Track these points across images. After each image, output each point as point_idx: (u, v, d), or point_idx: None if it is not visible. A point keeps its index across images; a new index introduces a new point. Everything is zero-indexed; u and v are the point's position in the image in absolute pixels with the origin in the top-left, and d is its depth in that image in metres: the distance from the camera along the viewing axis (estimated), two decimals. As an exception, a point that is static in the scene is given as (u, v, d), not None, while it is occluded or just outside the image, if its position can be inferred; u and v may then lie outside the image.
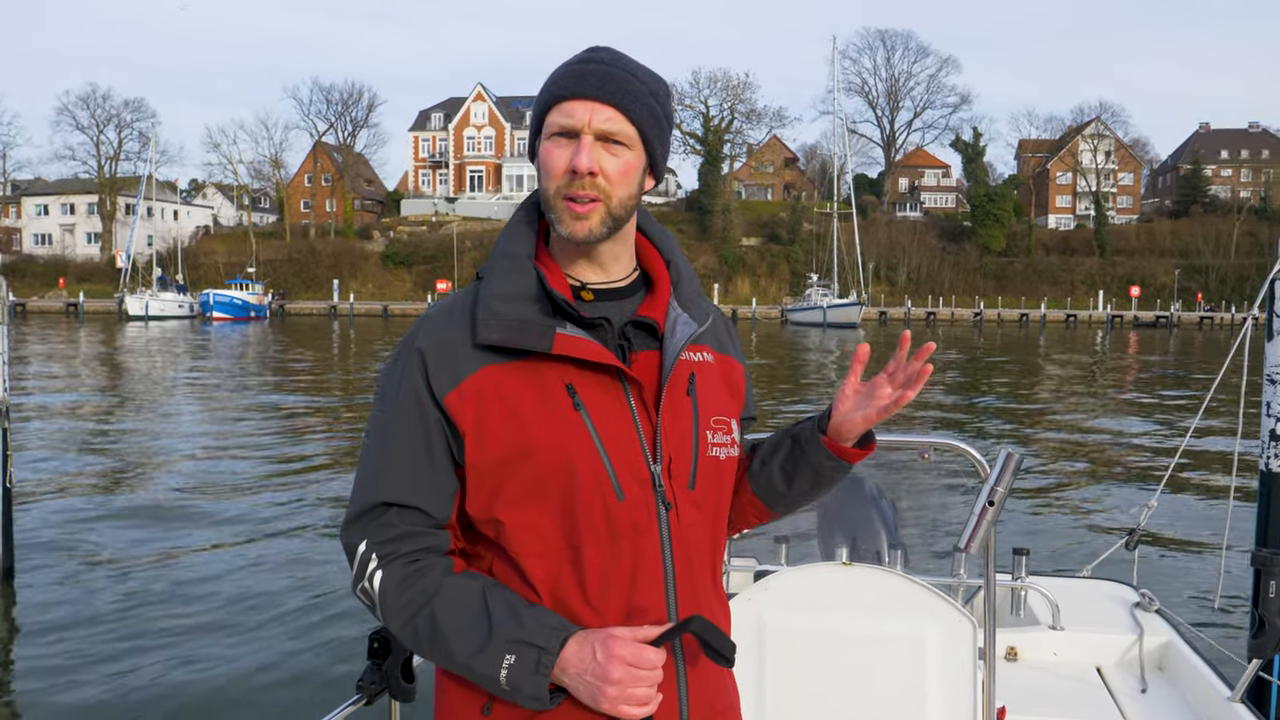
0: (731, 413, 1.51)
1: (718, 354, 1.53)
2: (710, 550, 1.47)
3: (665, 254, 1.53)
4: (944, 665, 2.31)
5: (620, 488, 1.35)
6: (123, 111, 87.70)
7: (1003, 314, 78.80)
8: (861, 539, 3.51)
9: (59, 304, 73.42)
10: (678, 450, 1.41)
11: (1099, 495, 11.41)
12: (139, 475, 12.34)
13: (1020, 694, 3.11)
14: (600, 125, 1.35)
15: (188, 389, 23.44)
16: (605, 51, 1.40)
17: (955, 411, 20.04)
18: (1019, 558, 3.67)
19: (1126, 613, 3.63)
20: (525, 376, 1.35)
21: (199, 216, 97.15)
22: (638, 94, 1.37)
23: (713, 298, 6.30)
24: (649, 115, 1.38)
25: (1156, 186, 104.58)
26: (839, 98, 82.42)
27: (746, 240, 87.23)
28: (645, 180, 1.43)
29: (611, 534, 1.35)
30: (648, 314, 1.45)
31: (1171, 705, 3.13)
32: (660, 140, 1.42)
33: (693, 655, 1.41)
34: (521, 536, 1.36)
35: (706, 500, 1.44)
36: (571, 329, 1.36)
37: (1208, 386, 4.53)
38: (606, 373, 1.38)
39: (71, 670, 6.04)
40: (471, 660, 1.31)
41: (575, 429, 1.34)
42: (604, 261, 1.44)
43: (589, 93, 1.35)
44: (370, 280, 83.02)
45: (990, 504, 2.21)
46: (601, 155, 1.35)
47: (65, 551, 8.59)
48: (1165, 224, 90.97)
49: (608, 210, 1.37)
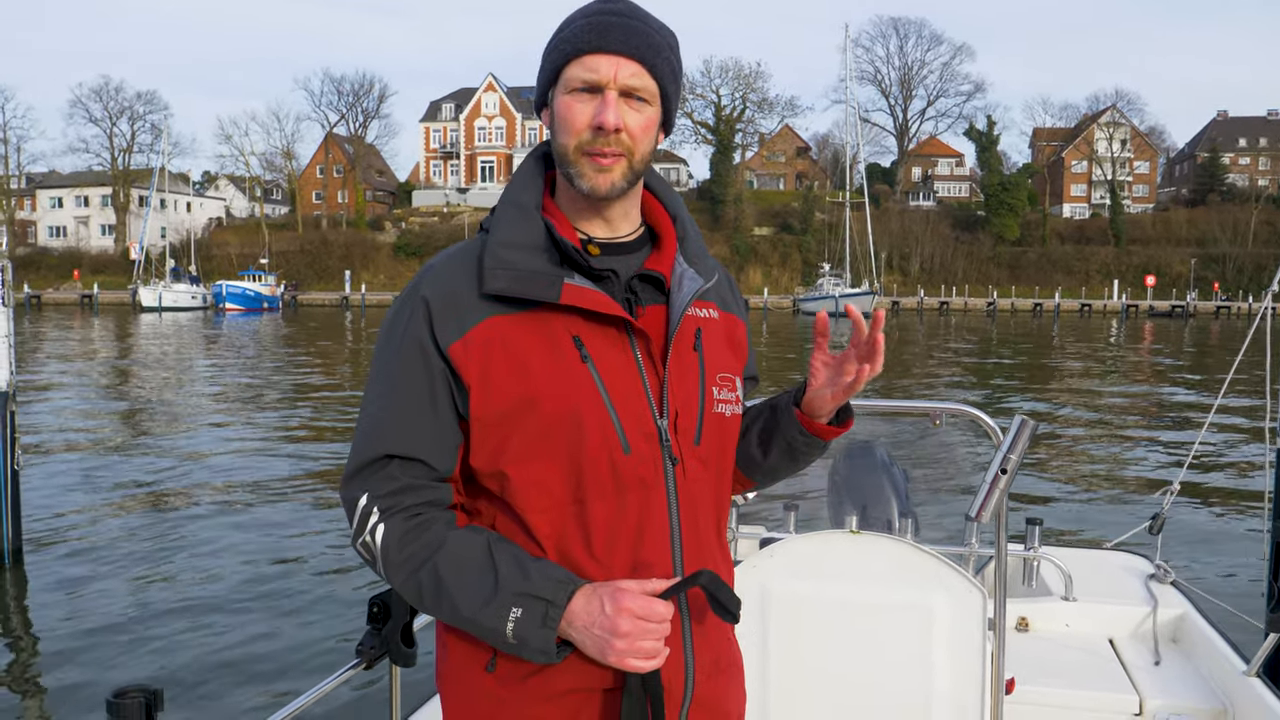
0: (735, 370, 1.50)
1: (722, 311, 1.52)
2: (715, 507, 1.46)
3: (671, 210, 1.51)
4: (952, 635, 2.27)
5: (627, 442, 1.34)
6: (135, 104, 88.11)
7: (1016, 304, 78.37)
8: (872, 507, 3.44)
9: (74, 296, 73.80)
10: (684, 405, 1.39)
11: (1123, 478, 11.31)
12: (146, 457, 12.37)
13: (1031, 665, 3.05)
14: (625, 81, 1.32)
15: (198, 378, 23.51)
16: (622, 2, 1.36)
17: (970, 392, 19.92)
18: (1032, 528, 3.60)
19: (1141, 584, 3.56)
20: (532, 327, 1.33)
21: (211, 208, 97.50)
22: (659, 48, 1.35)
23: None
24: (669, 70, 1.37)
25: (1173, 175, 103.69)
26: (851, 86, 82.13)
27: (758, 230, 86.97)
28: (659, 133, 1.41)
29: (618, 488, 1.34)
30: (655, 268, 1.43)
31: (1185, 678, 3.06)
32: (676, 95, 1.41)
33: (699, 610, 1.40)
34: (527, 491, 1.34)
35: (711, 456, 1.43)
36: (579, 279, 1.34)
37: (1224, 368, 4.45)
38: (614, 325, 1.36)
39: (77, 644, 6.10)
40: (478, 614, 1.29)
41: (582, 381, 1.32)
42: (612, 217, 1.43)
43: (613, 47, 1.32)
44: (382, 271, 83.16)
45: (1003, 472, 2.15)
46: (625, 111, 1.33)
47: (72, 530, 8.64)
48: (1182, 213, 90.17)
49: (630, 165, 1.35)
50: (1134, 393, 20.54)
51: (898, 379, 24.61)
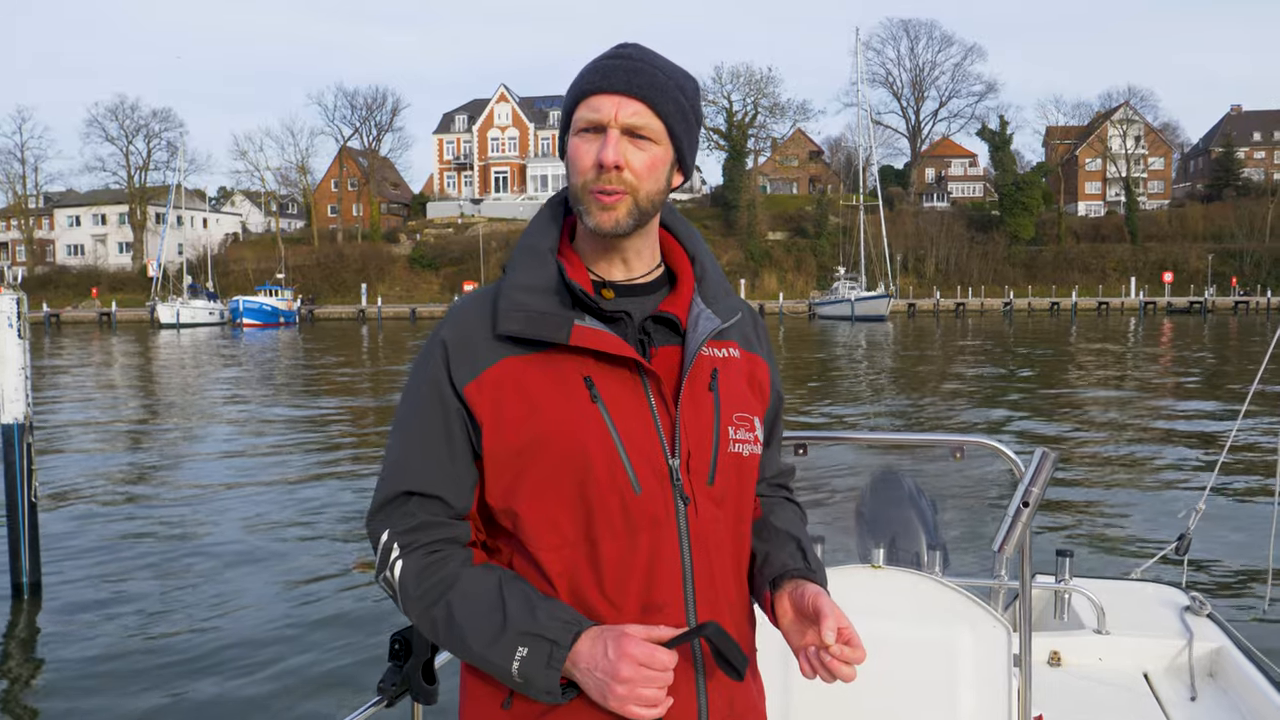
0: (755, 410, 1.49)
1: (745, 351, 1.51)
2: (733, 548, 1.45)
3: (690, 250, 1.52)
4: (977, 672, 2.24)
5: (637, 481, 1.34)
6: (151, 122, 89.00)
7: (1033, 303, 77.94)
8: (900, 539, 3.40)
9: (92, 314, 74.43)
10: (697, 445, 1.39)
11: (1144, 495, 11.15)
12: (168, 486, 12.41)
13: (1064, 700, 3.00)
14: (626, 119, 1.35)
15: (218, 396, 23.63)
16: (633, 48, 1.40)
17: (989, 408, 19.80)
18: (1062, 559, 3.55)
19: (1176, 616, 3.50)
20: (544, 368, 1.36)
21: (228, 224, 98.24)
22: (664, 88, 1.37)
23: (740, 293, 6.24)
24: (675, 110, 1.38)
25: (1188, 171, 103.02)
26: (863, 89, 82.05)
27: (772, 235, 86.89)
28: (673, 176, 1.42)
29: (629, 528, 1.35)
30: (669, 309, 1.43)
31: (1223, 714, 3.01)
32: (688, 136, 1.41)
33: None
34: (538, 529, 1.36)
35: (728, 496, 1.43)
36: (590, 321, 1.36)
37: (1247, 375, 4.38)
38: (625, 366, 1.37)
39: (97, 679, 6.09)
40: (486, 651, 1.31)
41: (592, 420, 1.34)
42: (627, 257, 1.44)
43: (615, 87, 1.35)
44: (398, 283, 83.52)
45: (1025, 505, 2.13)
46: (628, 149, 1.35)
47: (92, 564, 8.64)
48: (1197, 208, 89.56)
49: (635, 203, 1.37)
50: (1156, 402, 20.35)
51: (915, 394, 24.50)
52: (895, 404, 20.21)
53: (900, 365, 30.75)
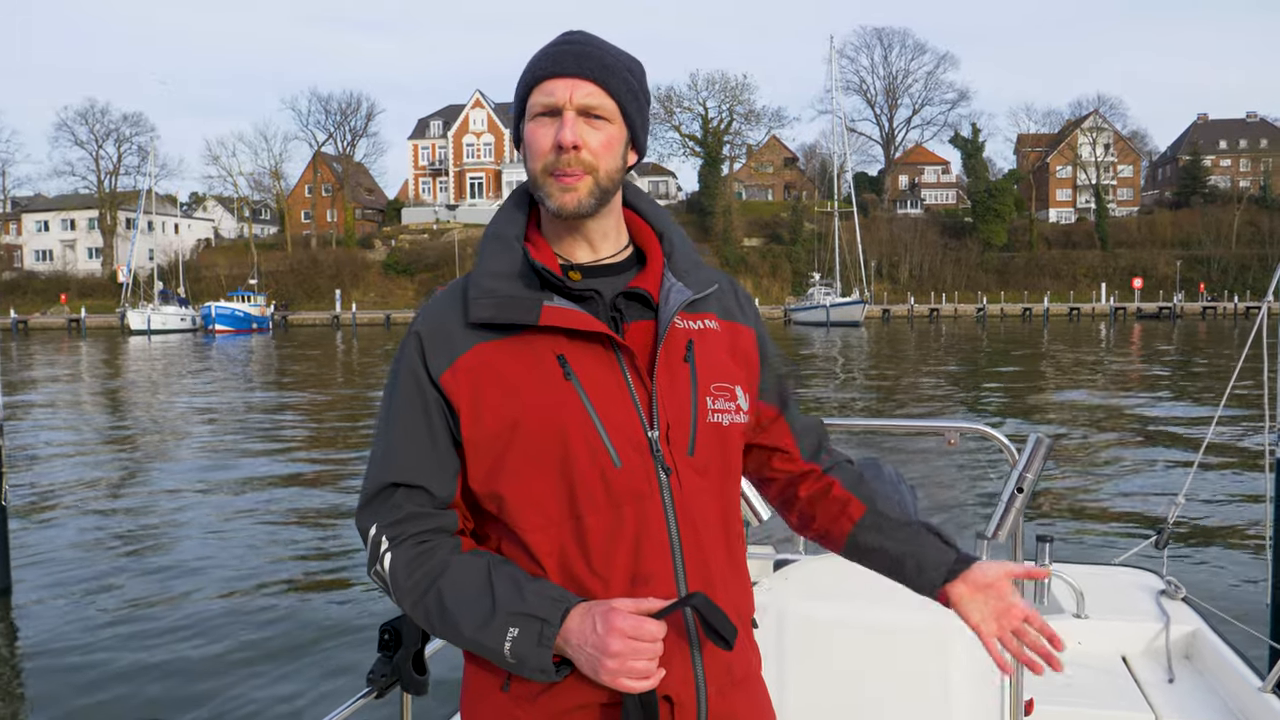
0: (737, 379, 1.48)
1: (724, 321, 1.52)
2: (721, 518, 1.45)
3: (657, 227, 1.53)
4: (970, 656, 2.26)
5: (617, 455, 1.36)
6: (121, 126, 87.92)
7: (1006, 309, 78.69)
8: None
9: (61, 320, 73.49)
10: (676, 416, 1.40)
11: (1124, 488, 11.30)
12: (139, 490, 12.29)
13: (1044, 684, 3.03)
14: (581, 100, 1.37)
15: (188, 402, 23.41)
16: (580, 34, 1.44)
17: (968, 405, 19.96)
18: (1043, 545, 3.59)
19: (1153, 601, 3.55)
20: (517, 351, 1.38)
21: (200, 229, 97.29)
22: (614, 69, 1.40)
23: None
24: (626, 89, 1.41)
25: (1156, 178, 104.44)
26: (837, 96, 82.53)
27: (748, 241, 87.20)
28: (629, 154, 1.45)
29: (612, 502, 1.36)
30: (640, 285, 1.45)
31: (1199, 695, 3.05)
32: (639, 114, 1.44)
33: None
34: (523, 510, 1.38)
35: (710, 466, 1.43)
36: (559, 301, 1.38)
37: (1218, 374, 4.45)
38: (598, 342, 1.38)
39: (76, 676, 6.02)
40: (477, 635, 1.33)
41: (567, 398, 1.36)
42: (593, 239, 1.46)
43: (568, 70, 1.38)
44: (372, 289, 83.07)
45: (1019, 491, 2.15)
46: (584, 130, 1.38)
47: (63, 568, 8.52)
48: (1166, 215, 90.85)
49: (595, 182, 1.39)
50: (1130, 402, 20.60)
51: (894, 394, 24.67)
52: (875, 402, 20.33)
53: (876, 368, 30.94)
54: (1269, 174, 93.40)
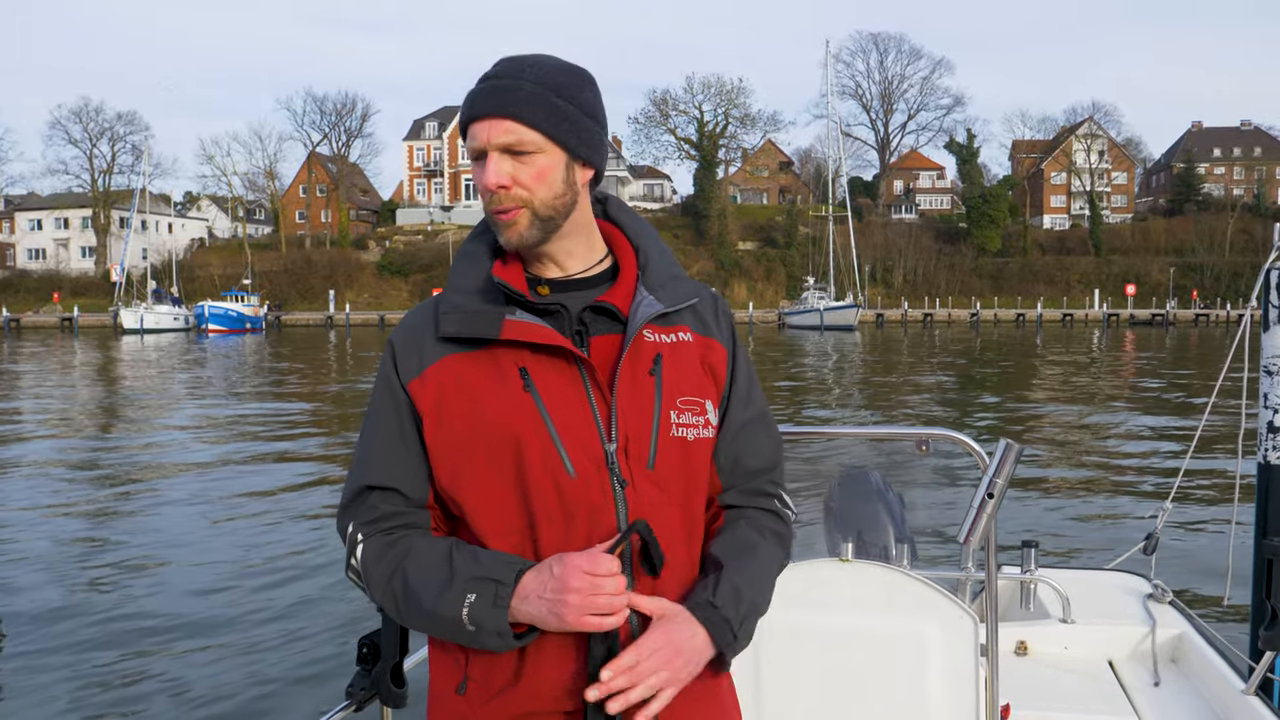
0: (706, 394, 1.48)
1: (699, 335, 1.51)
2: (683, 533, 1.45)
3: (635, 241, 1.54)
4: (945, 662, 2.27)
5: (571, 466, 1.38)
6: (116, 124, 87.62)
7: (999, 314, 78.85)
8: (867, 533, 3.43)
9: (54, 319, 73.26)
10: (635, 430, 1.41)
11: (1112, 495, 11.32)
12: (129, 494, 12.24)
13: (1031, 688, 3.05)
14: (500, 140, 1.38)
15: (182, 404, 23.35)
16: (503, 64, 1.42)
17: (955, 409, 20.00)
18: (1028, 550, 3.60)
19: (1139, 605, 3.56)
20: (481, 363, 1.41)
21: (194, 229, 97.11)
22: (530, 99, 1.38)
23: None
24: (548, 115, 1.39)
25: (1150, 185, 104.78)
26: (833, 101, 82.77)
27: (742, 244, 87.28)
28: (578, 174, 1.44)
29: (565, 513, 1.38)
30: (608, 299, 1.46)
31: (1184, 698, 3.06)
32: (574, 132, 1.41)
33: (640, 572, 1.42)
34: (483, 516, 1.41)
35: (671, 481, 1.43)
36: (521, 315, 1.41)
37: (1207, 380, 4.47)
38: (561, 356, 1.41)
39: (59, 690, 5.94)
40: (436, 605, 1.36)
41: (525, 409, 1.38)
42: (557, 259, 1.47)
43: (483, 111, 1.38)
44: (366, 290, 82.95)
45: (990, 496, 2.16)
46: (511, 166, 1.39)
47: (52, 573, 8.45)
48: (1159, 222, 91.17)
49: (533, 214, 1.40)
50: (1120, 408, 20.66)
51: (883, 397, 24.69)
52: (864, 405, 20.36)
53: (868, 372, 30.98)
54: (1263, 182, 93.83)
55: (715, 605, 1.40)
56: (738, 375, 1.55)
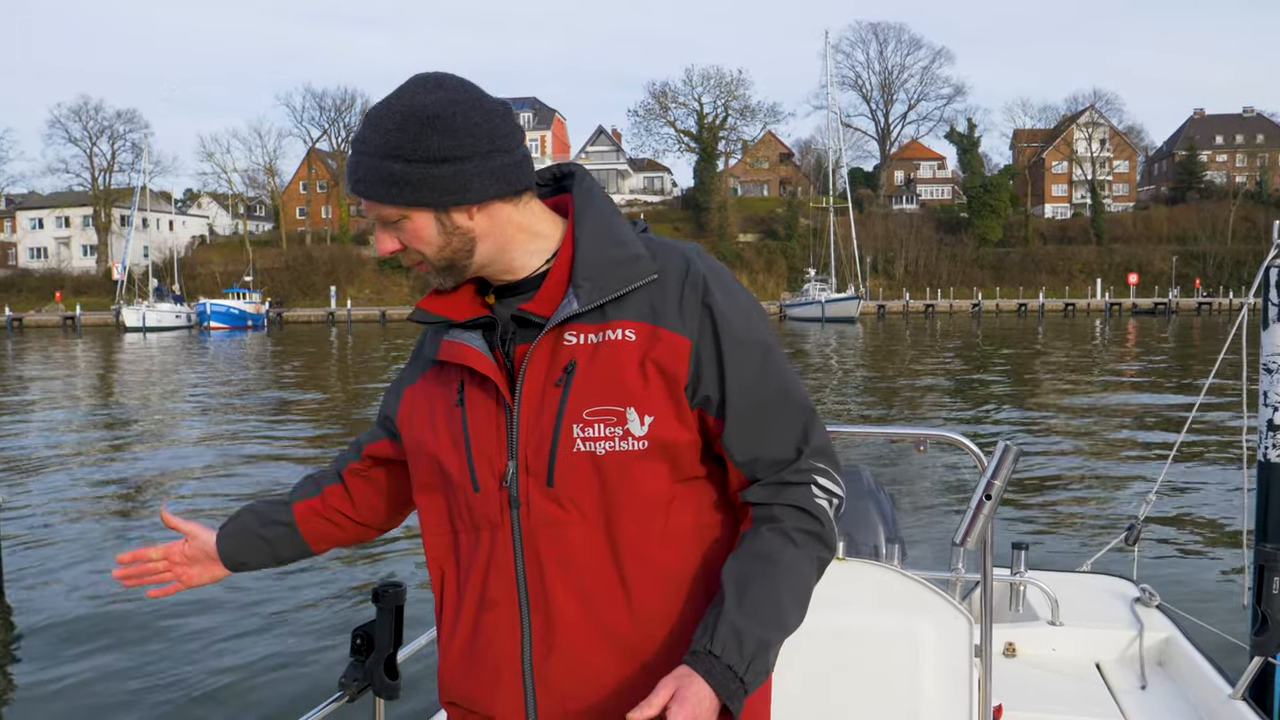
0: (632, 401, 1.34)
1: (648, 327, 1.36)
2: (605, 550, 1.37)
3: (574, 230, 1.41)
4: (939, 662, 2.27)
5: (477, 481, 1.41)
6: (115, 123, 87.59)
7: (1001, 304, 78.76)
8: (857, 533, 3.42)
9: (56, 318, 73.31)
10: (535, 445, 1.36)
11: (1098, 488, 11.33)
12: (132, 487, 12.27)
13: (1018, 690, 3.05)
14: (374, 215, 1.39)
15: (186, 402, 23.38)
16: (356, 131, 1.39)
17: (954, 404, 19.99)
18: (1018, 552, 3.60)
19: (1127, 608, 3.56)
20: (439, 378, 1.49)
21: (194, 226, 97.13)
22: (369, 175, 1.34)
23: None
24: (388, 187, 1.33)
25: (1152, 173, 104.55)
26: (833, 92, 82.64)
27: (743, 237, 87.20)
28: (456, 220, 1.36)
29: (473, 525, 1.43)
30: (528, 305, 1.39)
31: (1171, 702, 3.07)
32: (425, 192, 1.33)
33: (546, 649, 1.39)
34: (426, 516, 1.51)
35: (578, 498, 1.36)
36: (455, 333, 1.44)
37: (1207, 374, 4.45)
38: (486, 371, 1.41)
39: (59, 677, 6.01)
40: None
41: (452, 425, 1.43)
42: (493, 274, 1.44)
43: (352, 190, 1.40)
44: (368, 286, 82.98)
45: (987, 498, 2.16)
46: (389, 236, 1.39)
47: (56, 565, 8.53)
48: (1162, 211, 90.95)
49: (433, 265, 1.41)
50: (1115, 399, 20.65)
51: (884, 392, 24.68)
52: (865, 400, 20.35)
53: (870, 364, 30.95)
54: (1265, 169, 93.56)
55: (715, 654, 1.27)
56: (725, 358, 1.36)
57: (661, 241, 1.43)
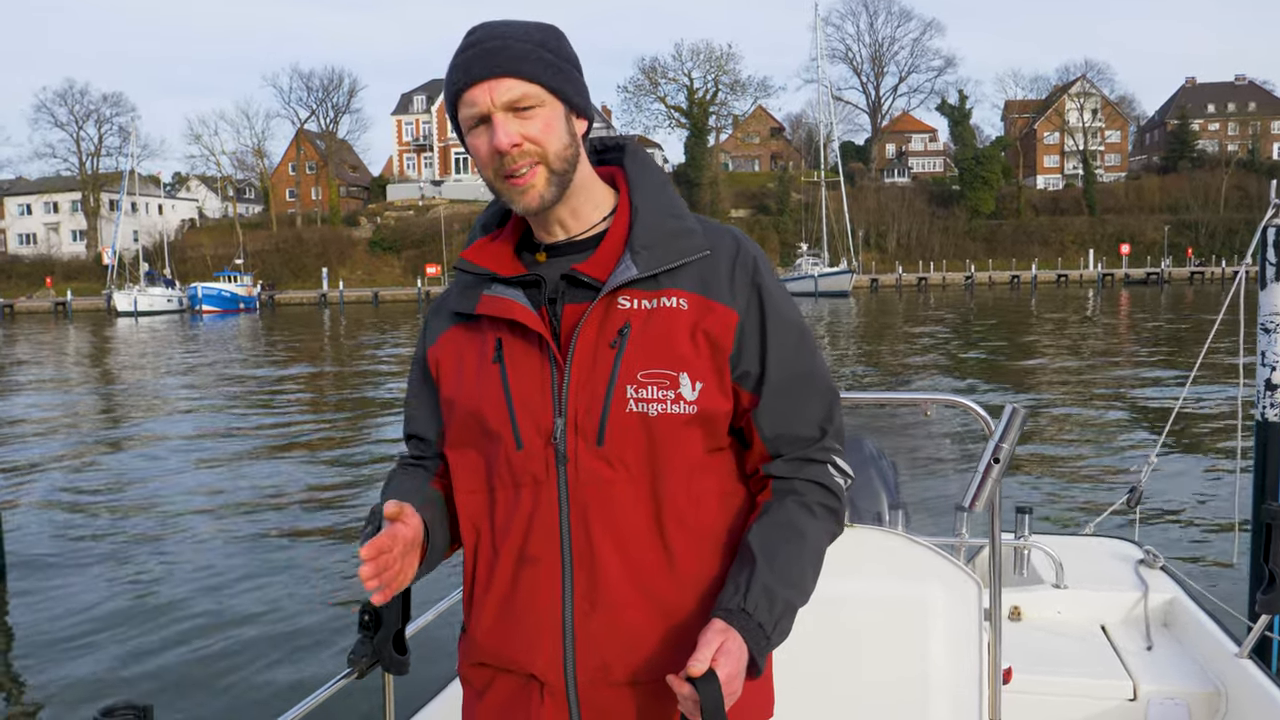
0: (685, 366, 1.39)
1: (701, 298, 1.42)
2: (649, 511, 1.41)
3: (631, 196, 1.48)
4: (949, 627, 2.25)
5: (520, 438, 1.41)
6: (101, 106, 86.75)
7: (994, 276, 78.79)
8: (860, 500, 3.41)
9: (47, 304, 72.90)
10: (587, 404, 1.39)
11: (1100, 452, 11.38)
12: (130, 468, 12.25)
13: (1025, 653, 3.05)
14: (503, 98, 1.36)
15: (179, 384, 23.31)
16: (480, 30, 1.40)
17: (952, 372, 20.02)
18: (1022, 516, 3.60)
19: (1131, 570, 3.57)
20: (470, 334, 1.49)
21: (184, 210, 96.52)
22: (522, 54, 1.37)
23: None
24: (543, 67, 1.38)
25: (1144, 143, 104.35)
26: (823, 65, 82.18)
27: (735, 212, 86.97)
28: (574, 125, 1.42)
29: (514, 482, 1.43)
30: (584, 267, 1.42)
31: (1177, 662, 3.07)
32: (568, 83, 1.41)
33: (589, 606, 1.40)
34: (458, 473, 1.51)
35: (627, 458, 1.39)
36: (498, 289, 1.45)
37: (1201, 341, 4.44)
38: (528, 328, 1.42)
39: (63, 662, 6.02)
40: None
41: (490, 380, 1.43)
42: (563, 220, 1.46)
43: (480, 74, 1.36)
44: (359, 267, 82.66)
45: (995, 462, 2.14)
46: (518, 124, 1.37)
47: (56, 545, 8.53)
48: (1154, 180, 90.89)
49: (549, 169, 1.39)
50: (1110, 365, 20.70)
51: (881, 362, 24.71)
52: (861, 372, 20.37)
53: (864, 336, 30.98)
54: (1257, 137, 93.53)
55: (748, 611, 1.34)
56: (769, 336, 1.44)
57: (709, 220, 1.51)
